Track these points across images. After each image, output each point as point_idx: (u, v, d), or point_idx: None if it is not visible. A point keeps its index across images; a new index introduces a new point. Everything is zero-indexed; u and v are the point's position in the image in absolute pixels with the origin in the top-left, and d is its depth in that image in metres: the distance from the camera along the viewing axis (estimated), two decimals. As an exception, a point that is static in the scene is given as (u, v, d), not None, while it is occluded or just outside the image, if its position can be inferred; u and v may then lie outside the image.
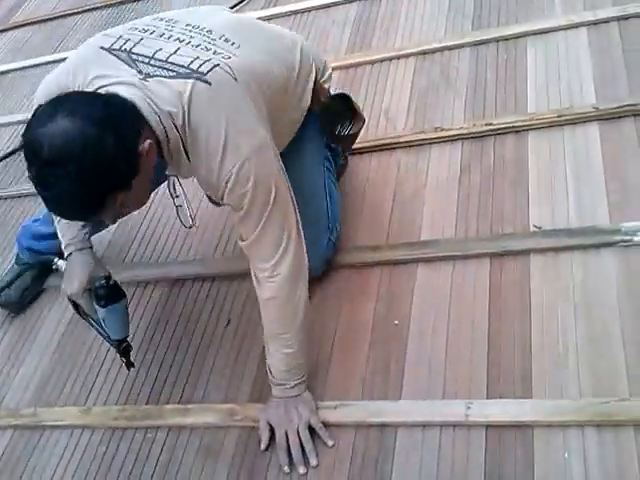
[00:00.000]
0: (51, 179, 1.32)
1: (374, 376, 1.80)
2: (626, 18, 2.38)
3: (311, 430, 1.69)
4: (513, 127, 2.20)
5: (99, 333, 1.88)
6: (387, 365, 1.80)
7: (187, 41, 1.59)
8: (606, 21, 2.40)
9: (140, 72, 1.50)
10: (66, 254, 1.82)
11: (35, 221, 2.31)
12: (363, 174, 2.27)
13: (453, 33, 2.66)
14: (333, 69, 2.17)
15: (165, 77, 1.50)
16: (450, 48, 2.60)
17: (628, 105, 2.10)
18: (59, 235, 1.85)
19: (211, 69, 1.52)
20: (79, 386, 2.08)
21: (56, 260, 1.95)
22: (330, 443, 1.67)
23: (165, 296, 2.21)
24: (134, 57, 1.53)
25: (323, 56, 2.10)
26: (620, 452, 1.48)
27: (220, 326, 2.07)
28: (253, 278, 1.69)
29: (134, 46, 1.56)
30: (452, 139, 2.27)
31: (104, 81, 1.49)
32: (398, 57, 2.65)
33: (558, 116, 2.16)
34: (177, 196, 1.81)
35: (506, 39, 2.52)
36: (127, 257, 2.40)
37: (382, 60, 2.65)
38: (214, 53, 1.58)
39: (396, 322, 1.85)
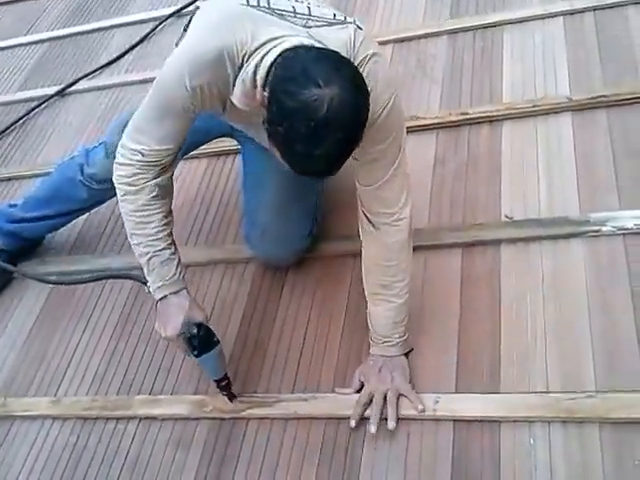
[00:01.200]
0: (324, 141, 1.29)
1: (346, 367, 1.80)
2: (602, 8, 2.37)
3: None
4: (488, 117, 2.20)
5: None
6: (358, 356, 1.81)
7: (307, 2, 1.55)
8: (582, 11, 2.39)
9: (295, 24, 1.46)
10: (159, 296, 1.67)
11: (12, 206, 2.29)
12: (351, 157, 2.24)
13: (431, 21, 2.65)
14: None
15: (321, 26, 1.48)
16: (427, 36, 2.59)
17: (601, 96, 2.10)
18: (148, 274, 1.68)
19: (354, 20, 1.53)
20: (50, 376, 2.07)
21: (149, 284, 1.71)
22: (420, 407, 1.63)
23: (137, 285, 2.19)
24: (279, 12, 1.47)
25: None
26: (585, 447, 1.49)
27: (192, 316, 2.06)
28: (367, 227, 1.69)
29: (269, 2, 1.49)
30: (427, 128, 2.27)
31: (276, 40, 1.42)
32: (375, 44, 2.63)
33: (532, 106, 2.16)
34: None
35: (483, 28, 2.52)
36: (98, 247, 2.39)
37: (359, 47, 2.62)
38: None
39: (367, 311, 1.85)
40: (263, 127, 1.38)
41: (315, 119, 1.26)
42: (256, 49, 1.42)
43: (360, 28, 1.51)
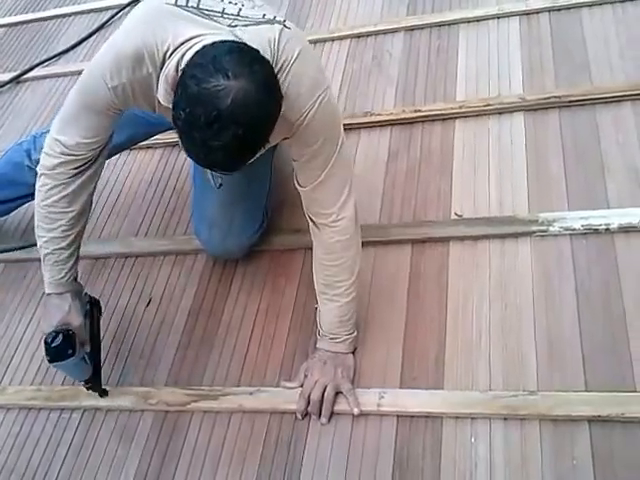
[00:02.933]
0: (223, 133, 1.26)
1: (292, 361, 1.80)
2: (557, 9, 2.40)
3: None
4: (441, 114, 2.21)
5: None
6: (305, 351, 1.81)
7: (241, 3, 1.52)
8: (537, 12, 2.42)
9: (221, 24, 1.45)
10: (46, 292, 1.72)
11: None
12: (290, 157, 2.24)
13: (388, 17, 2.66)
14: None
15: (247, 25, 1.46)
16: (384, 32, 2.60)
17: (554, 97, 2.12)
18: (43, 267, 1.71)
19: (284, 20, 1.51)
20: (-6, 365, 2.04)
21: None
22: (356, 411, 1.64)
23: (86, 275, 2.17)
24: (206, 12, 1.46)
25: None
26: (525, 445, 1.51)
27: (141, 306, 2.05)
28: (311, 226, 1.69)
29: (199, 2, 1.47)
30: (381, 124, 2.27)
31: (199, 37, 1.39)
32: (332, 39, 2.64)
33: (485, 105, 2.17)
34: None
35: (439, 25, 2.53)
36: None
37: (316, 42, 2.62)
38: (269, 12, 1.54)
39: (316, 306, 1.85)
40: None
41: (217, 109, 1.24)
42: (178, 47, 1.40)
43: (287, 27, 1.49)
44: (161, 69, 1.43)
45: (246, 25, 1.46)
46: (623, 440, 1.47)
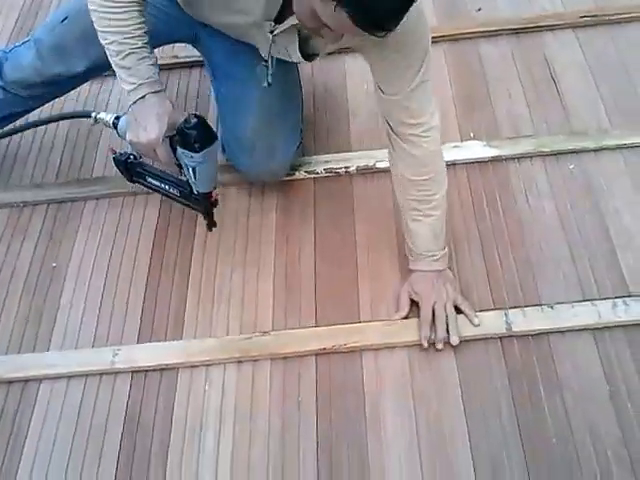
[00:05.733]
0: None
1: (24, 327, 1.67)
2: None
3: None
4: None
5: (169, 194, 1.63)
6: (39, 313, 1.69)
7: None
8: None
9: None
10: (137, 96, 1.44)
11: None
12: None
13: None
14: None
15: None
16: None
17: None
18: (124, 74, 1.45)
19: None
20: None
21: (94, 113, 1.60)
22: (476, 322, 1.55)
23: None
24: None
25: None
26: (255, 386, 1.51)
27: None
28: (396, 142, 1.52)
29: None
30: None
31: None
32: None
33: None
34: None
35: None
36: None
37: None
38: None
39: (54, 264, 1.74)
40: None
41: None
42: None
43: None
44: None
45: None
46: (342, 369, 1.51)
